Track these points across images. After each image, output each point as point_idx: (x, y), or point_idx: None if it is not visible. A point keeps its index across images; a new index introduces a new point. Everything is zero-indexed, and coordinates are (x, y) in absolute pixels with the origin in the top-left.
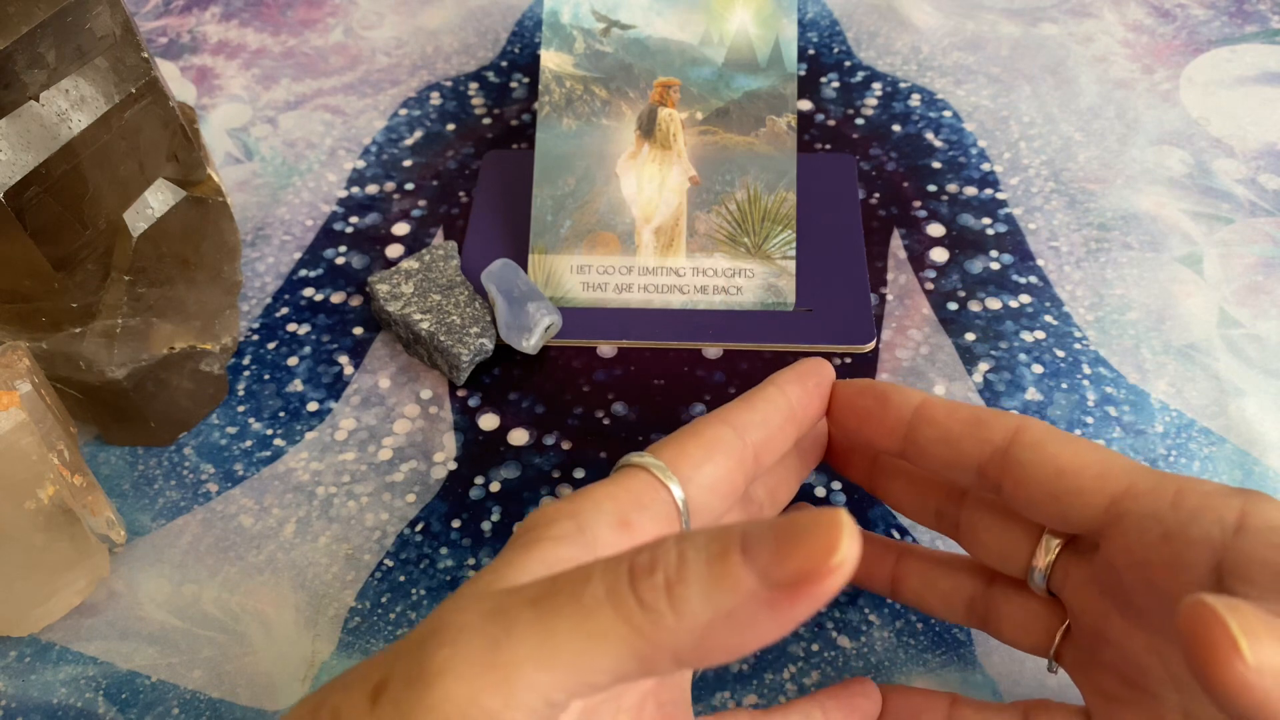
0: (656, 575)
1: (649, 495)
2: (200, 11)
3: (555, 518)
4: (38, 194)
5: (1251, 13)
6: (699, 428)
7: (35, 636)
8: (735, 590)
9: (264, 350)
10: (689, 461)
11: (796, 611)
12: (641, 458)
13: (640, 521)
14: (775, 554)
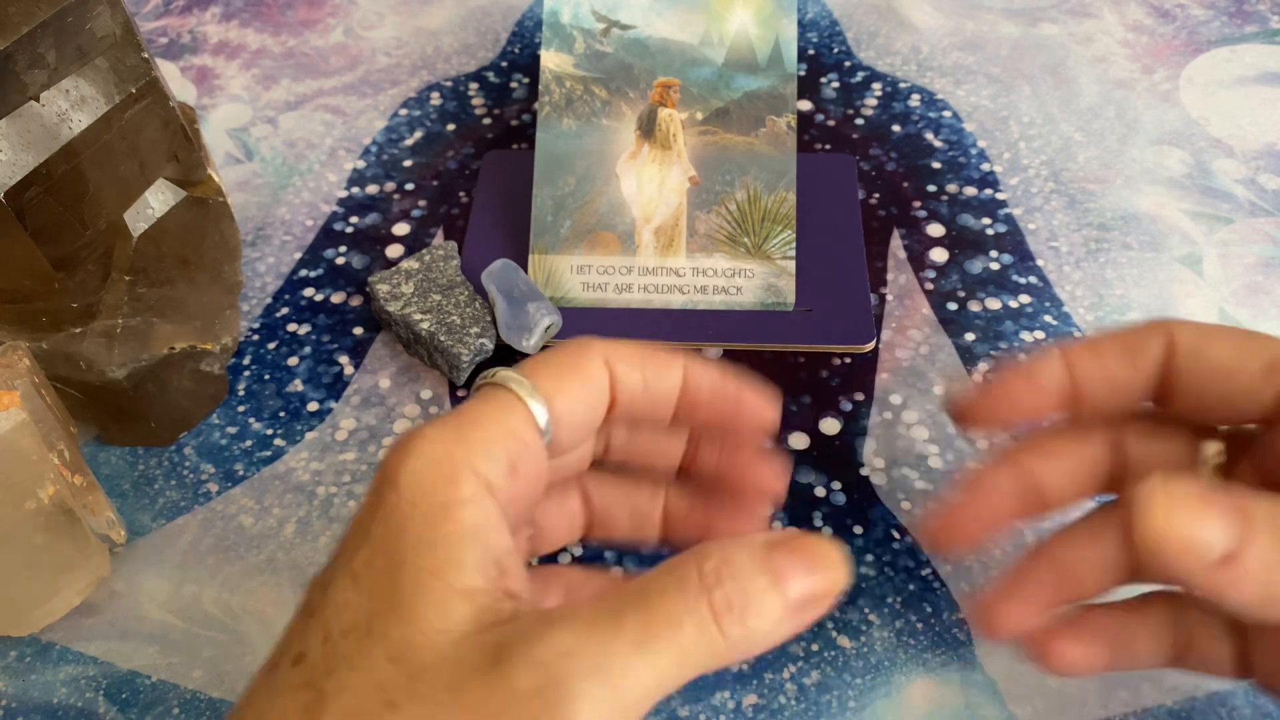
0: (734, 613)
1: (525, 429)
2: (200, 12)
3: (455, 474)
4: (38, 194)
5: (1251, 13)
6: (569, 355)
7: (36, 636)
8: (776, 609)
9: (264, 350)
10: (556, 387)
11: (807, 619)
12: (514, 381)
13: (524, 465)
14: (804, 577)
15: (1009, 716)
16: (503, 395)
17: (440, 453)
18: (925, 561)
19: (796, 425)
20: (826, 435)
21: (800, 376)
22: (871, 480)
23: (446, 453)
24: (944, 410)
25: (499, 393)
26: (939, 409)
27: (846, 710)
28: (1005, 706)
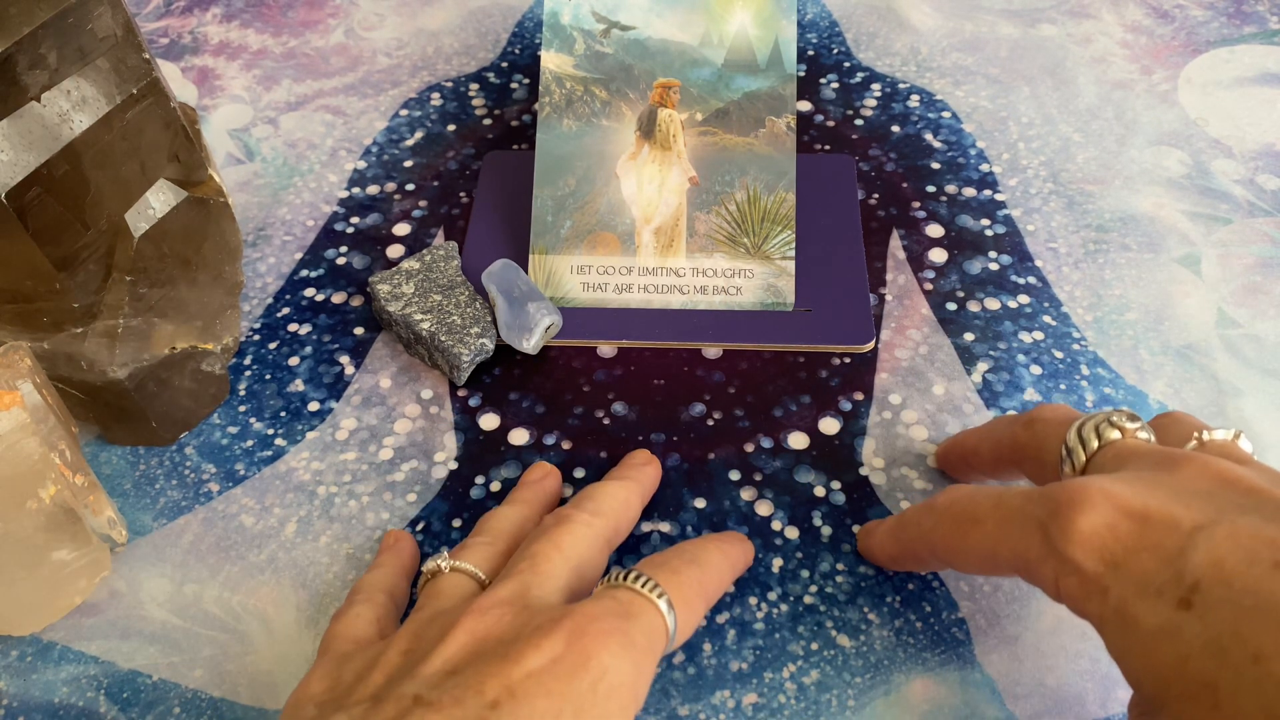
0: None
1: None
2: (201, 12)
3: (638, 697)
4: (39, 194)
5: (1250, 13)
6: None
7: (37, 636)
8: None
9: (265, 350)
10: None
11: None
12: (658, 590)
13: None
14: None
15: (1008, 716)
16: (654, 611)
17: (630, 674)
18: None
19: (796, 425)
20: (826, 435)
21: (800, 376)
22: (871, 480)
23: (635, 674)
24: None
25: (654, 609)
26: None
27: (846, 709)
28: (1004, 706)
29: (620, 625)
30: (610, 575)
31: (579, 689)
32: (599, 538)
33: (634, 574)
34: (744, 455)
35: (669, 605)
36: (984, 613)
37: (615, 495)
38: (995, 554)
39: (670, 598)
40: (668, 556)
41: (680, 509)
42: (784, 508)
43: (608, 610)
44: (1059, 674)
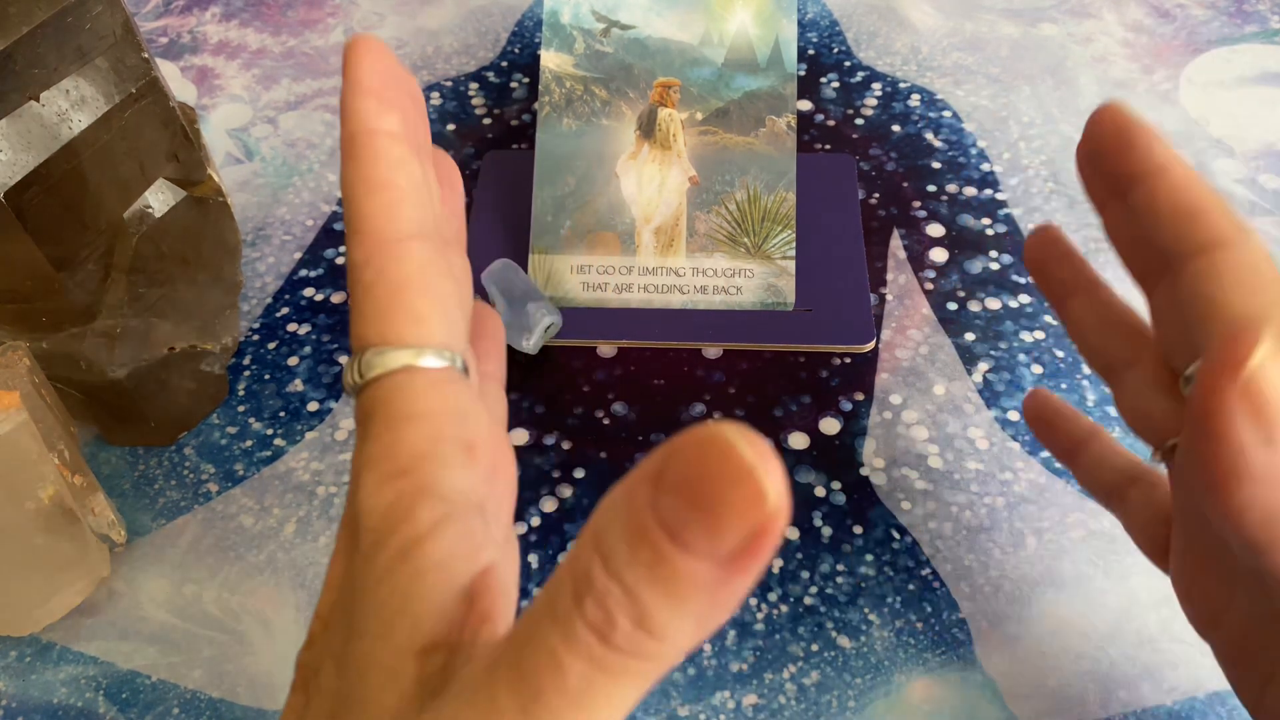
0: (620, 622)
1: (448, 395)
2: (200, 12)
3: (409, 507)
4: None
5: (1251, 13)
6: (396, 272)
7: (36, 636)
8: (697, 589)
9: (264, 350)
10: (418, 320)
11: (759, 564)
12: (388, 358)
13: (475, 430)
14: (708, 531)
15: (1009, 716)
16: (393, 381)
17: (388, 494)
18: (925, 561)
19: (796, 425)
20: (826, 435)
21: (800, 376)
22: (871, 480)
23: (394, 490)
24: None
25: (388, 383)
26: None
27: (846, 710)
28: (1005, 706)
29: None
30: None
31: None
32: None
33: None
34: None
35: None
36: (985, 614)
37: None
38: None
39: None
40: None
41: None
42: None
43: None
44: (1060, 675)
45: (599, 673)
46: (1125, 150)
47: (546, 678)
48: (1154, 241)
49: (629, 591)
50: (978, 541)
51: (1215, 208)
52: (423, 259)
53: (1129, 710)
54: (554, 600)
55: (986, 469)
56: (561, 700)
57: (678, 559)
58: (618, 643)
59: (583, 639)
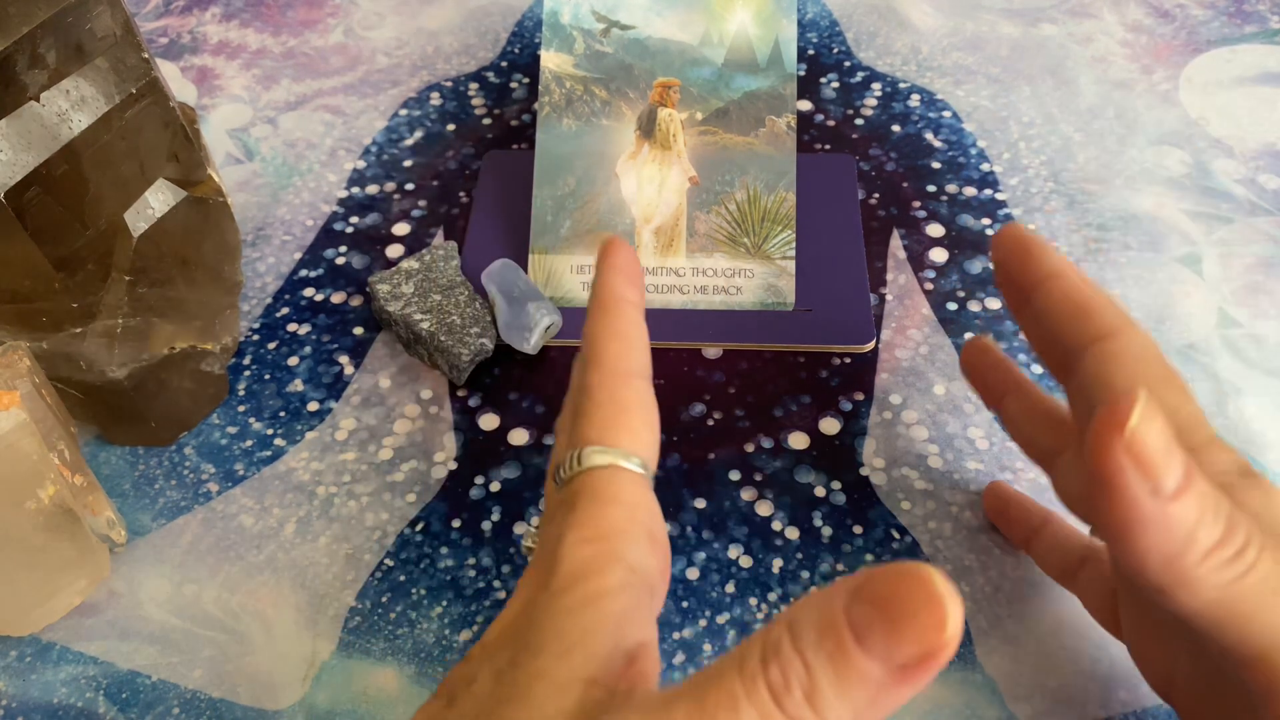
0: (795, 691)
1: (644, 495)
2: (201, 12)
3: (603, 565)
4: (38, 194)
5: (1251, 13)
6: (616, 395)
7: (36, 636)
8: (864, 684)
9: (264, 350)
10: (633, 436)
11: (923, 681)
12: (607, 456)
13: (656, 528)
14: (889, 639)
15: (1009, 716)
16: (605, 475)
17: (587, 551)
18: (925, 561)
19: (796, 425)
20: (826, 435)
21: (800, 376)
22: (871, 480)
23: (593, 550)
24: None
25: (600, 475)
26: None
27: None
28: (1005, 706)
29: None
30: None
31: None
32: None
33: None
34: (744, 455)
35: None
36: (985, 613)
37: None
38: None
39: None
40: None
41: (680, 509)
42: (784, 508)
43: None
44: (1060, 675)
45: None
46: (1024, 261)
47: (723, 713)
48: (1057, 338)
49: (809, 668)
50: (978, 541)
51: (1103, 304)
52: (641, 392)
53: (1129, 710)
54: (743, 658)
55: (986, 469)
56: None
57: (856, 655)
58: (788, 708)
59: (761, 693)
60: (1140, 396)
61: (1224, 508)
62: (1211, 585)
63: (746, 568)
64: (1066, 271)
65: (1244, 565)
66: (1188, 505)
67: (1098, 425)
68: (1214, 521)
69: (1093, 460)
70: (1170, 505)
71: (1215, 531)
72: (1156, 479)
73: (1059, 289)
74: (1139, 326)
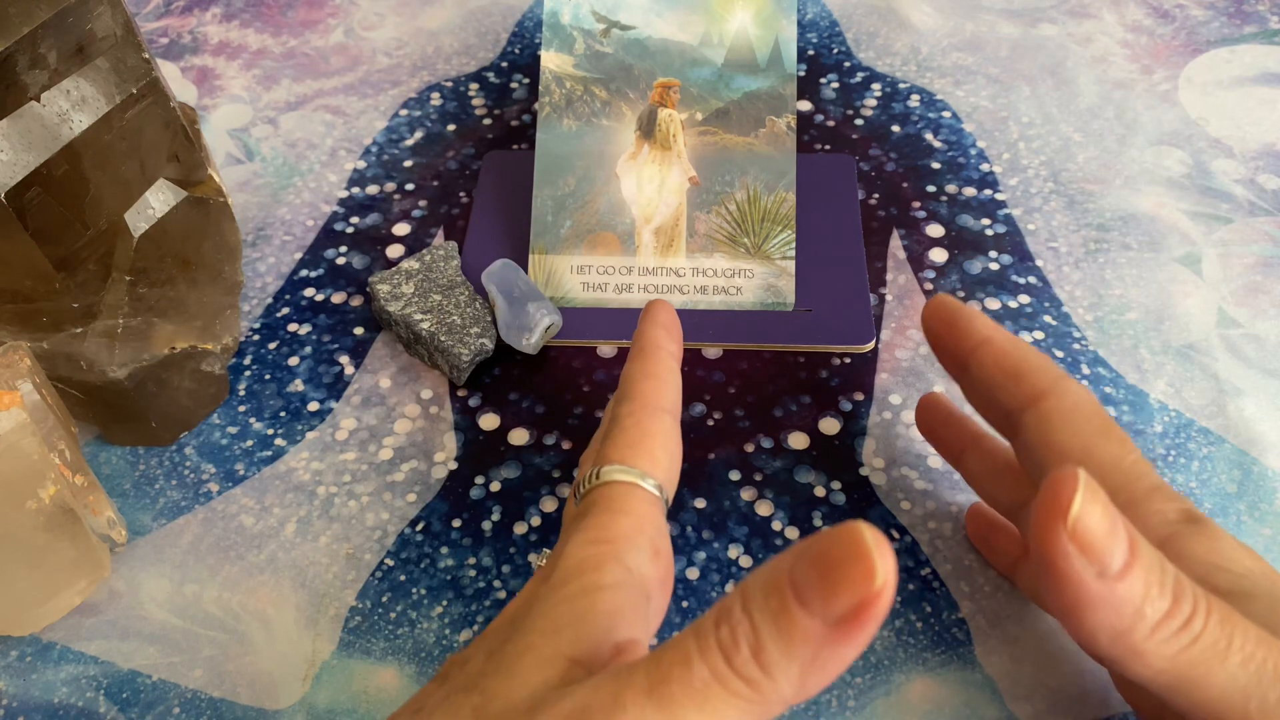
0: (743, 649)
1: (654, 511)
2: (201, 12)
3: (602, 563)
4: (39, 194)
5: (1250, 13)
6: (643, 424)
7: (36, 636)
8: (806, 641)
9: (265, 350)
10: (652, 461)
11: (864, 635)
12: (623, 473)
13: (662, 544)
14: (825, 594)
15: (1008, 716)
16: (618, 489)
17: (590, 551)
18: (925, 561)
19: (796, 425)
20: (826, 435)
21: (800, 376)
22: (871, 480)
23: (596, 550)
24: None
25: (614, 488)
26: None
27: (846, 710)
28: (1005, 706)
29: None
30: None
31: None
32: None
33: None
34: (744, 455)
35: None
36: (985, 613)
37: None
38: None
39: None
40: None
41: (680, 509)
42: (784, 508)
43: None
44: (1060, 675)
45: (716, 683)
46: (953, 331)
47: (677, 670)
48: (996, 403)
49: (755, 628)
50: None
51: (1035, 364)
52: (667, 425)
53: (1129, 710)
54: (699, 623)
55: None
56: (683, 692)
57: (797, 612)
58: (736, 665)
59: (713, 651)
60: (1080, 480)
61: (1169, 576)
62: (1161, 656)
63: (746, 567)
64: (995, 337)
65: (1191, 634)
66: (1134, 582)
67: (1039, 513)
68: (1160, 595)
69: (1038, 547)
70: (1116, 585)
71: (1162, 604)
72: (1102, 561)
73: (990, 355)
74: (1072, 381)
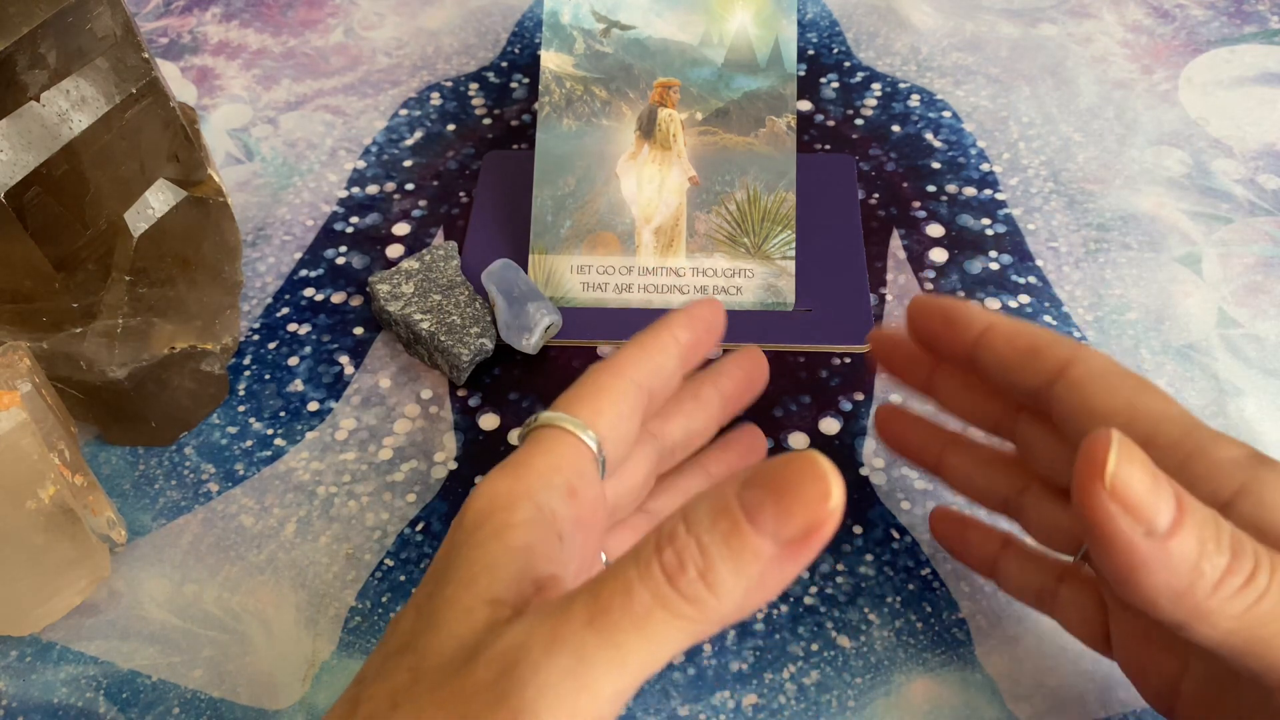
0: (689, 570)
1: (578, 456)
2: (201, 12)
3: (512, 502)
4: (38, 194)
5: (1250, 13)
6: (599, 380)
7: (36, 636)
8: (757, 560)
9: (264, 350)
10: (595, 414)
11: (808, 556)
12: (558, 418)
13: (581, 486)
14: (779, 515)
15: (1008, 716)
16: (548, 431)
17: (500, 488)
18: (925, 561)
19: (796, 425)
20: (826, 435)
21: (800, 376)
22: (871, 480)
23: (506, 487)
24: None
25: (545, 431)
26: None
27: (846, 710)
28: (1005, 706)
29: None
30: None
31: None
32: None
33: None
34: None
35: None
36: (984, 613)
37: None
38: None
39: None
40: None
41: None
42: None
43: None
44: (1060, 674)
45: (660, 607)
46: (950, 326)
47: (617, 599)
48: (1013, 386)
49: (703, 549)
50: None
51: (1050, 338)
52: (624, 388)
53: (1129, 710)
54: (638, 550)
55: None
56: (624, 619)
57: (749, 532)
58: (681, 586)
59: (655, 576)
60: (1113, 437)
61: (1225, 532)
62: (1227, 616)
63: None
64: (998, 321)
65: (1256, 590)
66: (1186, 538)
67: (1079, 478)
68: (1217, 550)
69: (1081, 511)
70: (1169, 543)
71: (1220, 561)
72: (1148, 520)
73: (1000, 338)
74: (1091, 348)
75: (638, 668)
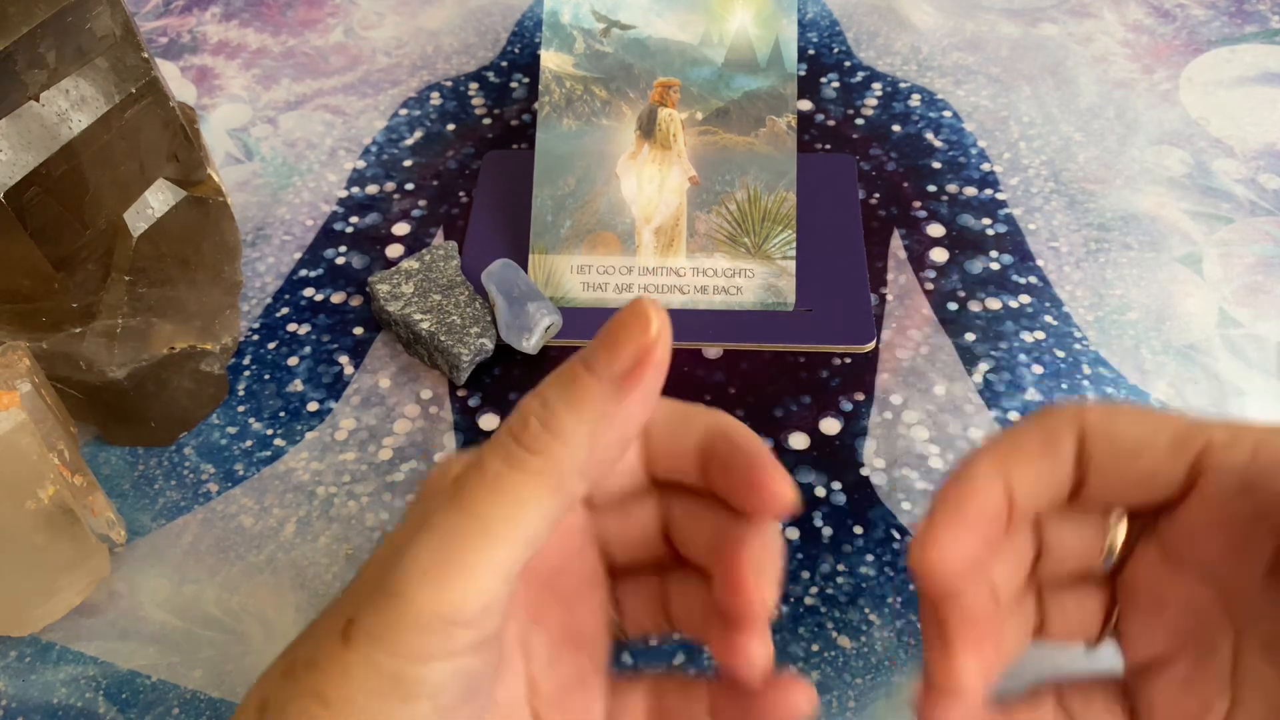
0: (531, 424)
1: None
2: (200, 12)
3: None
4: (38, 194)
5: (1251, 13)
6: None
7: (36, 636)
8: (593, 399)
9: (264, 350)
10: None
11: (646, 388)
12: None
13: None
14: (609, 354)
15: None
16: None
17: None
18: None
19: (796, 425)
20: (826, 435)
21: (800, 376)
22: (872, 480)
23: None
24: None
25: None
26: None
27: (846, 710)
28: None
29: None
30: None
31: None
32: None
33: None
34: None
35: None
36: None
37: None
38: None
39: None
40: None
41: None
42: None
43: None
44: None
45: (510, 469)
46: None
47: (472, 473)
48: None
49: (545, 402)
50: None
51: (1145, 434)
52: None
53: None
54: (494, 433)
55: None
56: (479, 489)
57: (584, 376)
58: (526, 441)
59: (502, 440)
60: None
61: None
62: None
63: None
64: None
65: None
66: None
67: None
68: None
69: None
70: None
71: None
72: None
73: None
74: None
75: (504, 534)
